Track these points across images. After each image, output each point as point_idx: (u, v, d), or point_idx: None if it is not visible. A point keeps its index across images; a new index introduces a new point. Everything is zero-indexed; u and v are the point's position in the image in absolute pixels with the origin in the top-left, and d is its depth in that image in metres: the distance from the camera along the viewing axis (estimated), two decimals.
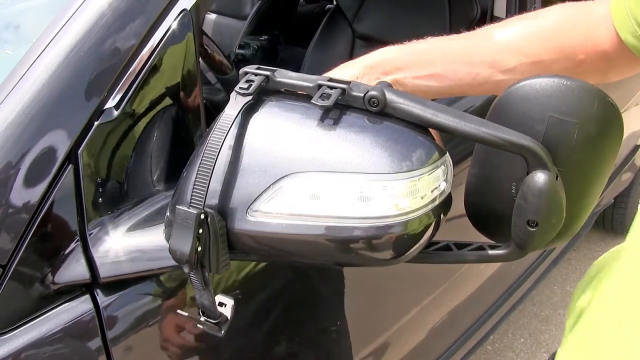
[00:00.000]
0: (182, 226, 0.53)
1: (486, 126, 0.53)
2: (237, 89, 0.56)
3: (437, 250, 0.62)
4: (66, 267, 0.67)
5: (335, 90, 0.55)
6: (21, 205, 0.64)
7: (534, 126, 0.55)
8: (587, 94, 0.55)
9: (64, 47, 0.68)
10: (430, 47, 0.68)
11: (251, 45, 1.88)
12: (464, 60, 0.66)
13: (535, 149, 0.51)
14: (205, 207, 0.53)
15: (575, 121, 0.55)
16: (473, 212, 0.63)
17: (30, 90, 0.65)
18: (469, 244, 0.61)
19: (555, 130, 0.55)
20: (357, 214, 0.53)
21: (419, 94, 0.68)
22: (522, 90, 0.56)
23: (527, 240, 0.54)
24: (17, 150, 0.64)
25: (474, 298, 1.58)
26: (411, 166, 0.53)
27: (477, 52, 0.67)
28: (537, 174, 0.52)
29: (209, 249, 0.54)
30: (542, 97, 0.55)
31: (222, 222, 0.54)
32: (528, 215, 0.53)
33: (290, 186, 0.53)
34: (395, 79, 0.67)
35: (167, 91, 0.74)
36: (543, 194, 0.51)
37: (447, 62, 0.66)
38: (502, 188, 0.58)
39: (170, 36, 0.73)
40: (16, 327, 0.64)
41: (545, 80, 0.56)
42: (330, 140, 0.53)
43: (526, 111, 0.56)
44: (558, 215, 0.53)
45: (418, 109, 0.54)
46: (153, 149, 0.74)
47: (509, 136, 0.52)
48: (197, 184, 0.53)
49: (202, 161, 0.53)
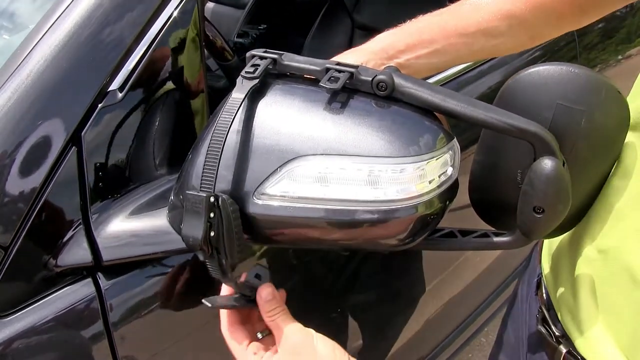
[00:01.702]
0: (193, 211, 0.52)
1: (494, 112, 0.52)
2: (244, 73, 0.55)
3: (442, 237, 0.62)
4: (68, 250, 0.66)
5: (343, 73, 0.54)
6: (23, 187, 0.63)
7: (541, 113, 0.55)
8: (595, 82, 0.55)
9: (68, 28, 0.67)
10: (426, 25, 0.71)
11: (250, 34, 1.87)
12: (459, 32, 0.70)
13: (542, 135, 0.51)
14: (215, 190, 0.52)
15: (583, 109, 0.55)
16: (478, 201, 0.63)
17: (34, 72, 0.65)
18: (473, 231, 0.61)
19: (563, 117, 0.55)
20: (365, 198, 0.53)
21: (424, 72, 0.71)
22: (530, 77, 0.57)
23: (533, 227, 0.54)
24: (20, 132, 0.63)
25: (469, 290, 1.58)
26: (419, 150, 0.53)
27: (470, 24, 0.70)
28: (544, 160, 0.51)
29: (223, 234, 0.53)
30: (550, 84, 0.56)
31: (235, 205, 0.53)
32: (534, 201, 0.52)
33: (297, 169, 0.53)
34: (399, 63, 0.69)
35: (171, 75, 0.73)
36: (550, 180, 0.51)
37: (444, 38, 0.70)
38: (507, 176, 0.58)
39: (175, 20, 0.72)
40: (18, 309, 0.64)
41: (553, 67, 0.56)
42: (338, 124, 0.53)
43: (533, 98, 0.56)
44: (564, 202, 0.53)
45: (426, 93, 0.54)
46: (156, 133, 0.73)
47: (516, 122, 0.52)
48: (206, 167, 0.52)
49: (210, 145, 0.52)
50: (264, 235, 0.56)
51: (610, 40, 1.78)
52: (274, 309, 0.58)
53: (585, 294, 0.63)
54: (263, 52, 0.58)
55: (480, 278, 1.61)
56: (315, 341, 0.57)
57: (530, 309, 0.80)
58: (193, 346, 0.76)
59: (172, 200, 0.64)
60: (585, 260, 0.64)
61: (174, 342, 0.74)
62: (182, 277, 0.73)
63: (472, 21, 0.70)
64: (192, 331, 0.76)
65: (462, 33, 0.70)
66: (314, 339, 0.57)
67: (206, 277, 0.74)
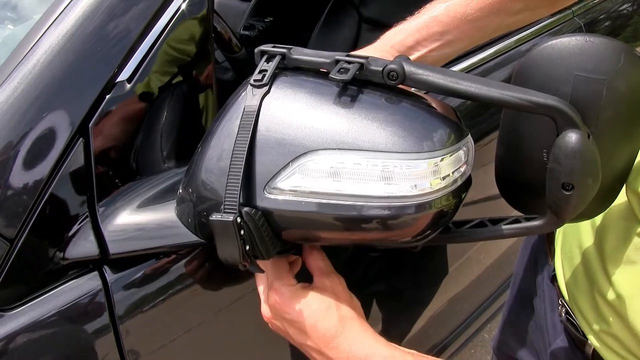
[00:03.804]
0: (223, 234, 0.53)
1: (510, 89, 0.50)
2: (252, 82, 0.55)
3: (472, 227, 0.60)
4: (75, 243, 0.66)
5: (353, 65, 0.53)
6: (30, 179, 0.62)
7: (559, 88, 0.53)
8: (612, 48, 0.53)
9: (76, 18, 0.66)
10: (436, 16, 0.69)
11: (256, 27, 1.85)
12: (470, 19, 0.68)
13: (562, 108, 0.49)
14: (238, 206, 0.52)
15: (603, 78, 0.52)
16: (505, 187, 0.62)
17: (41, 62, 0.64)
18: (503, 219, 0.59)
19: (582, 89, 0.53)
20: (378, 193, 0.52)
21: (438, 63, 0.69)
22: (544, 52, 0.55)
23: (564, 205, 0.52)
24: (27, 123, 0.62)
25: (473, 287, 1.58)
26: (433, 146, 0.52)
27: (481, 7, 0.68)
28: (568, 134, 0.49)
29: (257, 244, 0.54)
30: (566, 56, 0.54)
31: (258, 213, 0.54)
32: (562, 177, 0.50)
33: (309, 164, 0.52)
34: (412, 59, 0.66)
35: (180, 67, 0.72)
36: (576, 154, 0.49)
37: (456, 27, 0.68)
38: (533, 157, 0.56)
39: (185, 10, 0.71)
40: (24, 303, 0.63)
41: (567, 39, 0.54)
42: (351, 118, 0.52)
43: (550, 73, 0.54)
44: (594, 175, 0.50)
45: (439, 78, 0.52)
46: (164, 125, 0.72)
47: (534, 97, 0.50)
48: (229, 187, 0.52)
49: (231, 163, 0.52)
50: (275, 229, 0.56)
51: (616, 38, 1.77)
52: (318, 252, 0.64)
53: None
54: (272, 47, 0.57)
55: (484, 275, 1.61)
56: (349, 298, 0.63)
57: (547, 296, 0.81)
58: (199, 339, 0.76)
59: (181, 194, 0.63)
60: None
61: (180, 335, 0.73)
62: (189, 270, 0.72)
63: (483, 4, 0.68)
64: (198, 325, 0.75)
65: (473, 19, 0.68)
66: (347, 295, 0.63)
67: (213, 270, 0.74)
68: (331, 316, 0.58)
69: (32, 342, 0.62)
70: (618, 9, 1.76)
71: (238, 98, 0.56)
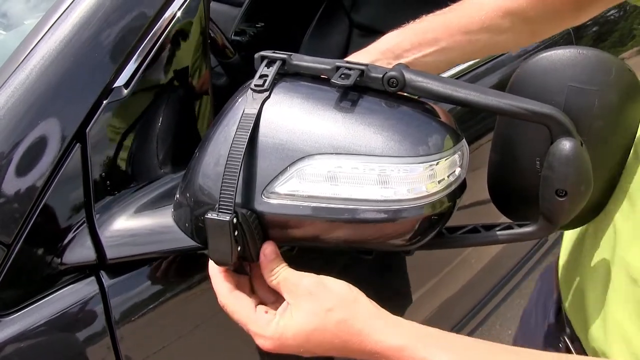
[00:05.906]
0: (217, 234, 0.53)
1: (507, 98, 0.52)
2: (253, 87, 0.55)
3: (465, 233, 0.61)
4: (72, 248, 0.66)
5: (354, 71, 0.54)
6: (27, 184, 0.62)
7: (553, 98, 0.55)
8: (605, 61, 0.55)
9: (73, 24, 0.66)
10: (431, 25, 0.73)
11: (247, 32, 1.86)
12: (463, 30, 0.72)
13: (557, 116, 0.51)
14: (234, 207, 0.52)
15: (595, 88, 0.54)
16: (497, 194, 0.63)
17: (37, 68, 0.64)
18: (496, 225, 0.60)
19: (575, 99, 0.55)
20: (375, 197, 0.53)
21: (431, 71, 0.71)
22: (539, 63, 0.57)
23: (557, 211, 0.53)
24: (24, 128, 0.62)
25: (465, 291, 1.59)
26: (428, 150, 0.53)
27: (473, 21, 0.72)
28: (562, 142, 0.51)
29: (248, 245, 0.54)
30: (560, 68, 0.55)
31: (252, 215, 0.54)
32: (556, 184, 0.52)
33: (307, 168, 0.53)
34: (406, 62, 0.70)
35: (176, 73, 0.73)
36: (570, 161, 0.50)
37: (449, 36, 0.72)
38: (526, 165, 0.57)
39: (181, 16, 0.72)
40: (20, 308, 0.63)
41: (561, 51, 0.56)
42: (348, 123, 0.53)
43: (544, 84, 0.56)
44: (586, 182, 0.52)
45: (438, 85, 0.54)
46: (161, 131, 0.73)
47: (529, 105, 0.51)
48: (224, 188, 0.52)
49: (227, 164, 0.52)
50: (272, 233, 0.56)
51: (603, 44, 1.80)
52: (277, 266, 0.56)
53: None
54: (272, 53, 0.58)
55: (475, 279, 1.62)
56: (327, 281, 0.55)
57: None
58: (196, 344, 0.76)
59: (178, 199, 0.64)
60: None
61: (176, 340, 0.74)
62: (186, 275, 0.72)
63: (475, 19, 0.72)
64: (195, 329, 0.75)
65: (465, 31, 0.72)
66: (324, 280, 0.55)
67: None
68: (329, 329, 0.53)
69: (30, 347, 0.62)
70: (605, 15, 1.79)
71: (236, 104, 0.56)
